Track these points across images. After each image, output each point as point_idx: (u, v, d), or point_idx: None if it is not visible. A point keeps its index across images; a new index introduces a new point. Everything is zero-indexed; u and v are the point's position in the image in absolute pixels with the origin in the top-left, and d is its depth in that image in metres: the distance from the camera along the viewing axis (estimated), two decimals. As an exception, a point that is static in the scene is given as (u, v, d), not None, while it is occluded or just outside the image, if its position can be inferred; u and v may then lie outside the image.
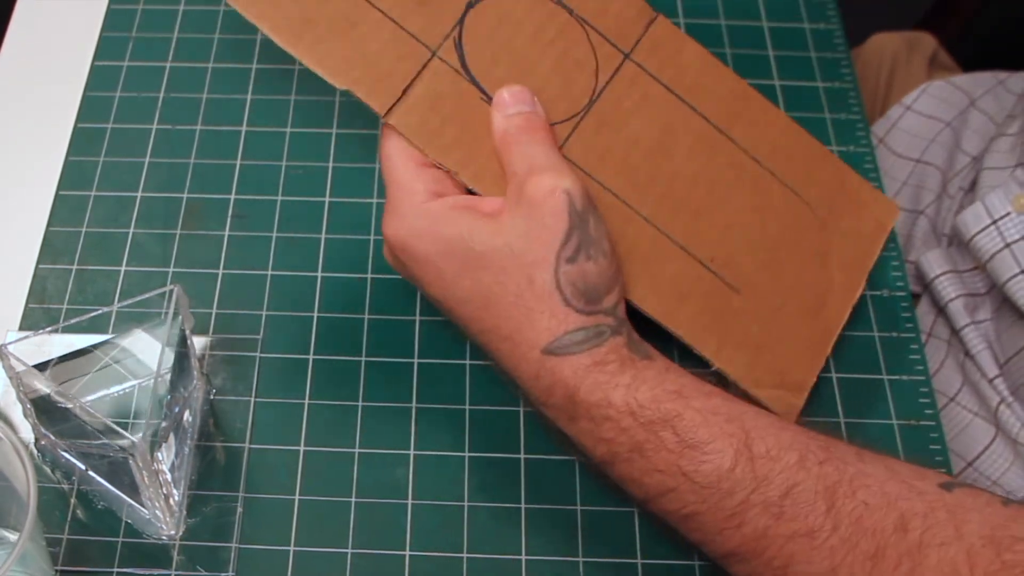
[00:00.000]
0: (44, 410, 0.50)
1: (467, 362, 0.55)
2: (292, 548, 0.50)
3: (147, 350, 0.53)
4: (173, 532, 0.50)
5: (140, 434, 0.45)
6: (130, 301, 0.51)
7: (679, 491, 0.44)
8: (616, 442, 0.45)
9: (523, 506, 0.51)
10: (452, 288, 0.47)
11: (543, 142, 0.48)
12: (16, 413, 0.52)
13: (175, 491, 0.50)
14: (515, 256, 0.45)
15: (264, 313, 0.57)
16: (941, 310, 0.66)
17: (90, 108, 0.64)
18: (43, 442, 0.52)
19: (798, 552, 0.42)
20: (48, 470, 0.52)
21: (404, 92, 0.48)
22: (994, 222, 0.61)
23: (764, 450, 0.43)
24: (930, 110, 0.75)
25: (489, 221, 0.46)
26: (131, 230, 0.59)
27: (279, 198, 0.61)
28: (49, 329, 0.52)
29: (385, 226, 0.48)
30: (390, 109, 0.48)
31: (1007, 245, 0.60)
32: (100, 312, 0.52)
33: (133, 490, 0.49)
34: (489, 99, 0.49)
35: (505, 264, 0.45)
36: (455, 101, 0.49)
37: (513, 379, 0.48)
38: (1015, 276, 0.60)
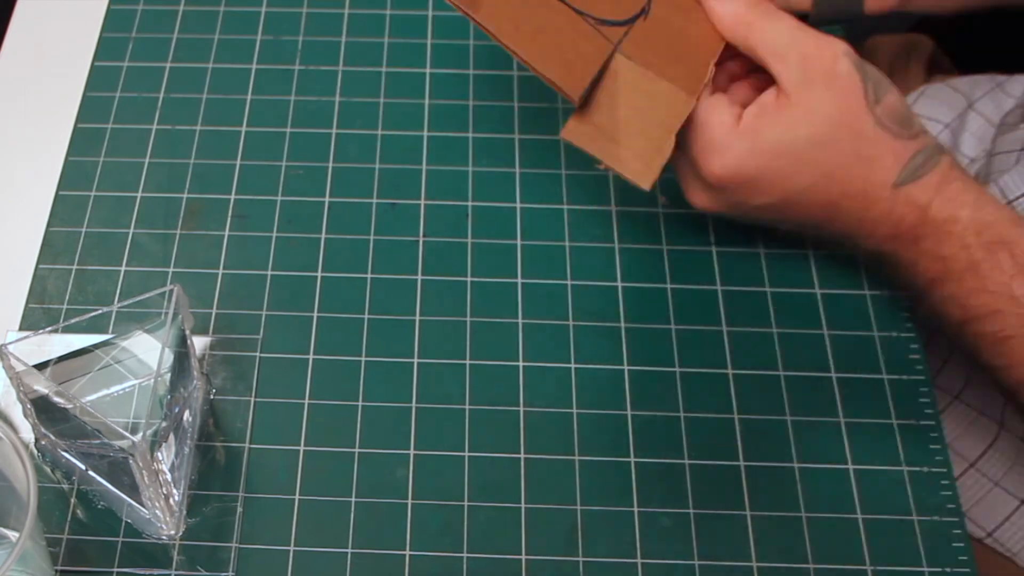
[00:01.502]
0: (44, 410, 0.50)
1: (467, 362, 0.55)
2: (292, 548, 0.50)
3: (147, 350, 0.53)
4: (173, 532, 0.50)
5: (140, 434, 0.45)
6: (130, 301, 0.51)
7: (1003, 313, 0.48)
8: (954, 259, 0.48)
9: (523, 506, 0.51)
10: (794, 182, 0.49)
11: (778, 12, 0.50)
12: (16, 413, 0.52)
13: (175, 491, 0.50)
14: (837, 124, 0.48)
15: (264, 313, 0.57)
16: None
17: (90, 108, 0.64)
18: (43, 442, 0.52)
19: None
20: (48, 470, 0.52)
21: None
22: (1009, 203, 0.61)
23: None
24: (928, 112, 0.75)
25: (795, 110, 0.49)
26: (131, 230, 0.59)
27: (279, 198, 0.61)
28: (49, 329, 0.52)
29: (710, 166, 0.50)
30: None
31: None
32: (100, 312, 0.52)
33: (133, 490, 0.49)
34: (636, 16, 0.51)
35: (832, 133, 0.48)
36: (648, 42, 0.50)
37: (856, 237, 0.51)
38: None
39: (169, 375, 0.49)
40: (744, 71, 0.53)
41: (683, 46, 0.51)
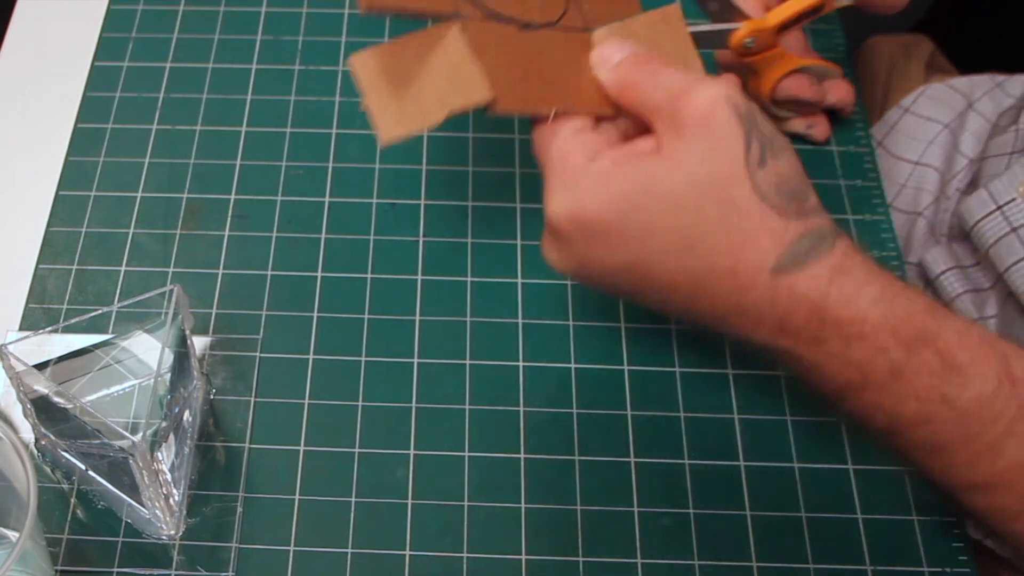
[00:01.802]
0: (44, 410, 0.50)
1: (467, 362, 0.55)
2: (292, 548, 0.50)
3: (147, 350, 0.53)
4: (173, 532, 0.50)
5: (140, 434, 0.45)
6: (130, 301, 0.51)
7: (936, 421, 0.40)
8: (870, 365, 0.40)
9: (523, 506, 0.51)
10: (646, 246, 0.42)
11: (664, 67, 0.43)
12: (16, 413, 0.52)
13: (175, 491, 0.50)
14: (704, 184, 0.41)
15: (264, 313, 0.57)
16: (947, 307, 0.66)
17: (90, 108, 0.64)
18: (43, 442, 0.52)
19: None
20: (48, 470, 0.52)
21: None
22: (999, 208, 0.61)
23: None
24: (928, 112, 0.75)
25: (658, 162, 0.41)
26: (131, 230, 0.59)
27: (279, 198, 0.61)
28: (49, 329, 0.52)
29: (550, 205, 0.43)
30: (489, 101, 0.43)
31: (1014, 229, 0.60)
32: (100, 312, 0.52)
33: (133, 490, 0.49)
34: (524, 25, 0.45)
35: (696, 196, 0.41)
36: (509, 47, 0.45)
37: (736, 326, 0.43)
38: (1019, 261, 0.60)
39: (169, 375, 0.49)
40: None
41: (554, 67, 0.46)
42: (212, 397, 0.54)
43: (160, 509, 0.49)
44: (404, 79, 0.43)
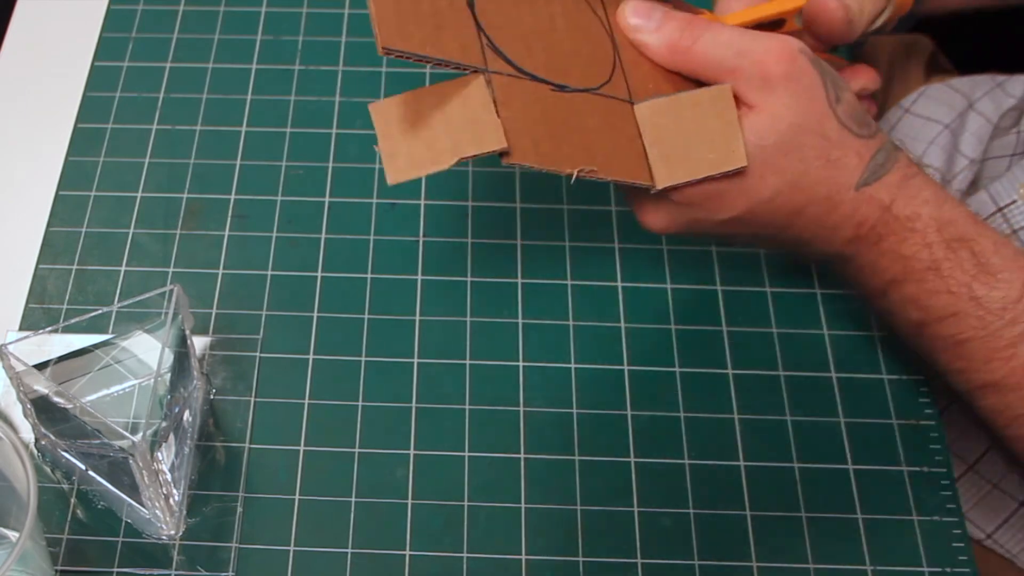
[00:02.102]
0: (44, 410, 0.50)
1: (467, 362, 0.55)
2: (292, 548, 0.50)
3: (147, 350, 0.53)
4: (173, 532, 0.50)
5: (140, 434, 0.45)
6: (130, 301, 0.51)
7: (962, 315, 0.46)
8: (916, 258, 0.47)
9: (523, 506, 0.51)
10: (758, 195, 0.47)
11: (712, 23, 0.47)
12: (16, 413, 0.52)
13: (175, 491, 0.50)
14: (803, 128, 0.46)
15: (264, 313, 0.57)
16: None
17: (90, 108, 0.64)
18: (43, 442, 0.52)
19: None
20: (48, 470, 0.52)
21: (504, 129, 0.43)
22: (1000, 209, 0.61)
23: None
24: (929, 112, 0.75)
25: (759, 117, 0.46)
26: (131, 230, 0.59)
27: (279, 198, 0.61)
28: (49, 329, 0.52)
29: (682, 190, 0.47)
30: (505, 152, 0.43)
31: (1014, 231, 0.60)
32: (100, 312, 0.52)
33: (133, 490, 0.49)
34: (558, 87, 0.45)
35: (799, 141, 0.46)
36: (538, 104, 0.45)
37: (815, 242, 0.48)
38: None
39: (169, 375, 0.49)
40: None
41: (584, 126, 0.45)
42: (212, 397, 0.54)
43: (160, 509, 0.49)
44: (419, 123, 0.44)
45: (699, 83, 0.48)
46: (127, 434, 0.45)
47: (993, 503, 0.60)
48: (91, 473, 0.51)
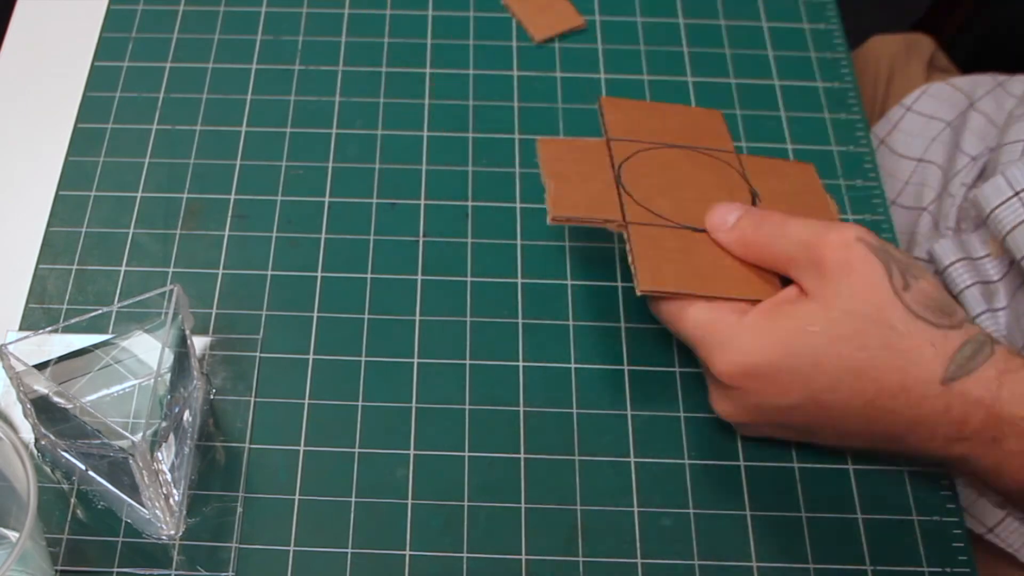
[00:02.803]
0: (44, 410, 0.50)
1: (467, 362, 0.55)
2: (292, 548, 0.50)
3: (147, 350, 0.53)
4: (173, 532, 0.50)
5: (140, 434, 0.45)
6: (130, 301, 0.51)
7: None
8: None
9: (523, 506, 0.51)
10: (817, 381, 0.45)
11: (784, 218, 0.48)
12: (16, 413, 0.52)
13: (175, 491, 0.50)
14: (860, 314, 0.45)
15: (264, 313, 0.57)
16: (955, 299, 0.66)
17: (90, 108, 0.64)
18: (43, 442, 0.52)
19: None
20: (48, 470, 0.52)
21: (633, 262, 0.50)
22: (1016, 194, 0.60)
23: None
24: (930, 110, 0.75)
25: (811, 304, 0.46)
26: (131, 230, 0.59)
27: (279, 198, 0.61)
28: (49, 329, 0.52)
29: (717, 365, 0.47)
30: (648, 287, 0.50)
31: None
32: (100, 312, 0.52)
33: (133, 490, 0.49)
34: (692, 229, 0.52)
35: (855, 326, 0.45)
36: (674, 244, 0.51)
37: (917, 443, 0.46)
38: None
39: (169, 375, 0.49)
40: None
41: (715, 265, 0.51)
42: (212, 397, 0.54)
43: (160, 509, 0.49)
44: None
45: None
46: (127, 434, 0.45)
47: (995, 498, 0.60)
48: (91, 473, 0.51)
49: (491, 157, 0.63)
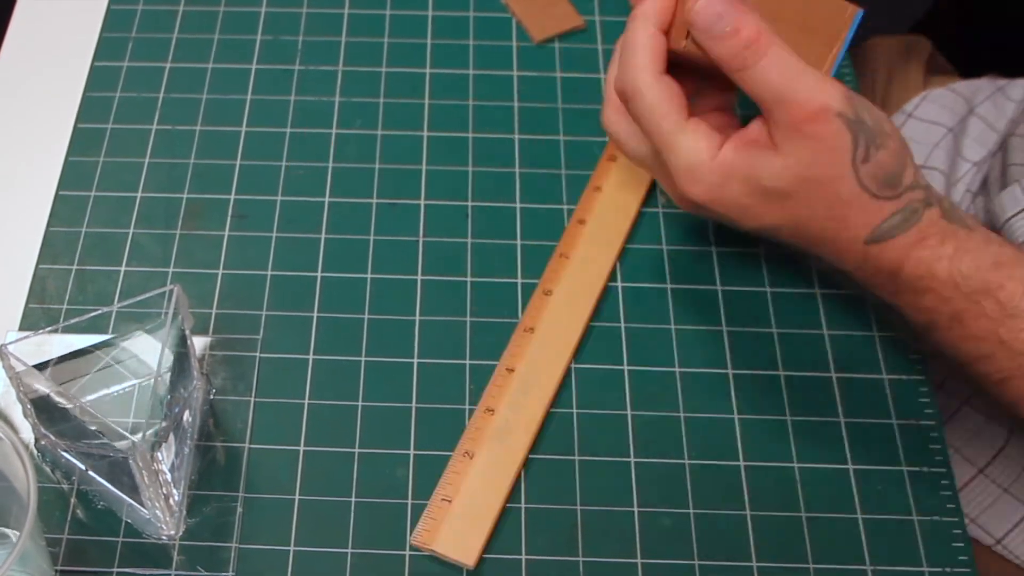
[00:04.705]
0: (44, 410, 0.50)
1: (467, 362, 0.55)
2: (292, 548, 0.50)
3: (147, 350, 0.53)
4: (173, 532, 0.50)
5: (140, 434, 0.45)
6: (130, 301, 0.51)
7: (994, 357, 0.48)
8: (936, 311, 0.48)
9: (523, 506, 0.51)
10: (764, 221, 0.49)
11: (775, 59, 0.46)
12: (16, 413, 0.52)
13: (175, 491, 0.50)
14: (813, 183, 0.47)
15: (264, 313, 0.57)
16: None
17: (90, 108, 0.64)
18: (43, 442, 0.52)
19: None
20: (48, 470, 0.52)
21: None
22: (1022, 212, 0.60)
23: None
24: (931, 116, 0.75)
25: (773, 156, 0.47)
26: (131, 230, 0.59)
27: (279, 198, 0.61)
28: (49, 329, 0.52)
29: (685, 190, 0.49)
30: None
31: None
32: (100, 312, 0.52)
33: (133, 490, 0.49)
34: None
35: (805, 192, 0.47)
36: None
37: (833, 264, 0.51)
38: None
39: (169, 375, 0.49)
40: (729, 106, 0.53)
41: None
42: (212, 397, 0.54)
43: (160, 509, 0.49)
44: None
45: None
46: (127, 434, 0.46)
47: (1003, 508, 0.60)
48: (91, 473, 0.51)
49: (491, 157, 0.63)
